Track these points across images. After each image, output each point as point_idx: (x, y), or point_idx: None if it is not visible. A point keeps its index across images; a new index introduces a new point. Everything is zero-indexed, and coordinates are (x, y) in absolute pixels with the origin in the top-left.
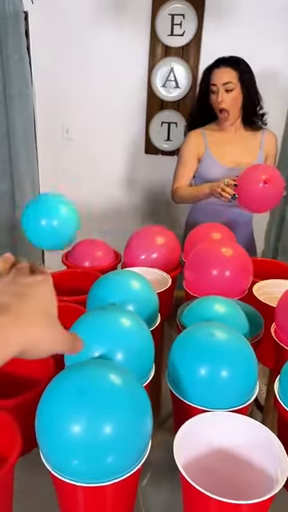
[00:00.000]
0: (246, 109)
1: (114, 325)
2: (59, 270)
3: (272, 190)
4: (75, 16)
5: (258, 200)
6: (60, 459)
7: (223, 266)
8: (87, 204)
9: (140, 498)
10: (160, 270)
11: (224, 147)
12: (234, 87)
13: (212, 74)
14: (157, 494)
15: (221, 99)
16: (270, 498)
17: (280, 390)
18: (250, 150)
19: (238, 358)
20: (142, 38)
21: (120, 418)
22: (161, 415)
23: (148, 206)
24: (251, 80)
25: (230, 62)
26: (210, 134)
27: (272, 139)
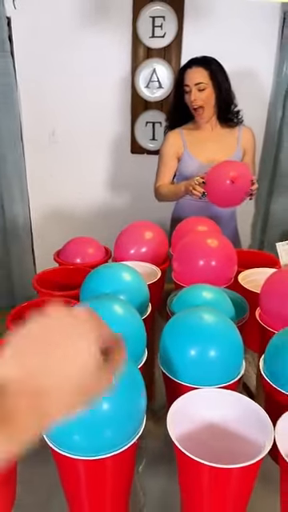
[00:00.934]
0: (220, 107)
1: (108, 312)
2: (52, 268)
3: (239, 187)
4: (58, 20)
5: (225, 197)
6: (61, 436)
7: (209, 256)
8: (75, 205)
9: (138, 484)
10: (149, 263)
11: (202, 145)
12: (205, 86)
13: (185, 74)
14: (154, 480)
15: (194, 98)
16: (256, 462)
17: (264, 366)
18: (228, 147)
19: (225, 339)
20: (124, 41)
21: (116, 396)
22: (155, 406)
23: (135, 204)
24: (223, 78)
25: (201, 62)
26: (188, 133)
27: (248, 135)
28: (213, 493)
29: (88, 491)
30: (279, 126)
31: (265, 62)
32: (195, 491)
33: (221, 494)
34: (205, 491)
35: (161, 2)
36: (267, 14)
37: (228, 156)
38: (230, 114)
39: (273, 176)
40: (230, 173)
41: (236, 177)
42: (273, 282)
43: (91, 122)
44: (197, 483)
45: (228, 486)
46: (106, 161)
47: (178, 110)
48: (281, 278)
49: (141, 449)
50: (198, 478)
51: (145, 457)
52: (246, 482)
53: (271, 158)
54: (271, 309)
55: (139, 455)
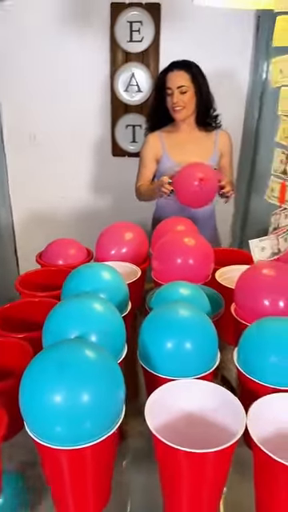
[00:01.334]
0: (199, 110)
1: (88, 309)
2: (34, 269)
3: (205, 189)
4: (38, 25)
5: (192, 197)
6: (43, 427)
7: (186, 254)
8: (57, 207)
9: (122, 479)
10: (130, 263)
11: (180, 148)
12: (187, 89)
13: (166, 77)
14: (137, 476)
15: (176, 100)
16: (230, 446)
17: (238, 357)
18: (205, 150)
19: (200, 332)
20: (103, 45)
21: (96, 388)
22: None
23: (117, 206)
24: (203, 82)
25: (182, 65)
26: (167, 135)
27: (225, 138)
28: (190, 477)
29: (70, 479)
30: (256, 127)
31: (240, 65)
32: (174, 477)
33: (198, 479)
34: (183, 476)
35: (138, 7)
36: (242, 17)
37: (205, 159)
38: (209, 118)
39: (251, 176)
40: (197, 175)
41: (203, 179)
42: (246, 278)
43: (72, 125)
44: (175, 469)
45: (204, 470)
46: (88, 163)
47: (159, 113)
48: (253, 273)
49: (125, 447)
50: (175, 464)
51: (129, 454)
52: (220, 465)
53: (249, 158)
54: (245, 303)
55: (124, 452)
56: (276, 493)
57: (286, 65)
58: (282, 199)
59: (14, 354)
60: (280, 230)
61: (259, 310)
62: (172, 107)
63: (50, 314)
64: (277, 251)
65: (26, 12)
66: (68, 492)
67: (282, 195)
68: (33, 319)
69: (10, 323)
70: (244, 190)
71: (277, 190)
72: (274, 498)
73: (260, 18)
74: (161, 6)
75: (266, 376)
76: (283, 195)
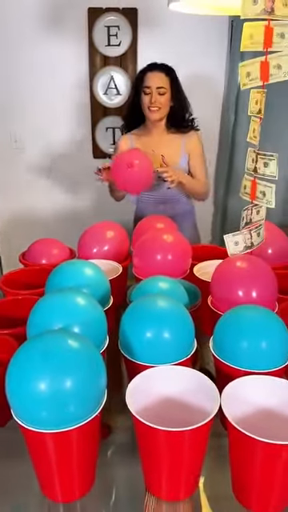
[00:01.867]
0: (173, 114)
1: (70, 302)
2: (17, 269)
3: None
4: (17, 29)
5: (126, 182)
6: (30, 413)
7: (165, 250)
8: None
9: (107, 471)
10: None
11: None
12: (165, 91)
13: (146, 76)
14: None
15: (154, 100)
16: (205, 424)
17: (214, 344)
18: (174, 153)
19: (177, 321)
20: (82, 49)
21: (79, 374)
22: (122, 400)
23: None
24: (179, 87)
25: (162, 68)
26: (137, 139)
27: (192, 138)
28: (169, 455)
29: (56, 462)
30: (232, 129)
31: (216, 68)
32: (154, 456)
33: (176, 456)
34: (162, 455)
35: (115, 12)
36: (217, 22)
37: (174, 163)
38: (185, 122)
39: (228, 176)
40: (130, 161)
41: (134, 165)
42: (221, 271)
43: (53, 127)
44: (155, 449)
45: (182, 447)
46: (69, 165)
47: (134, 112)
48: (228, 267)
49: (110, 441)
50: (155, 444)
51: (114, 448)
52: (197, 443)
53: (226, 159)
54: (220, 294)
55: (108, 446)
56: (249, 466)
57: (252, 68)
58: (253, 196)
59: (0, 349)
60: (253, 225)
61: (233, 300)
62: (149, 106)
63: (34, 308)
64: (250, 245)
65: (4, 16)
66: (54, 474)
67: (253, 192)
68: (17, 316)
69: None
70: (223, 190)
71: (248, 187)
72: (247, 471)
73: (234, 23)
74: (138, 11)
75: (240, 360)
76: (254, 192)
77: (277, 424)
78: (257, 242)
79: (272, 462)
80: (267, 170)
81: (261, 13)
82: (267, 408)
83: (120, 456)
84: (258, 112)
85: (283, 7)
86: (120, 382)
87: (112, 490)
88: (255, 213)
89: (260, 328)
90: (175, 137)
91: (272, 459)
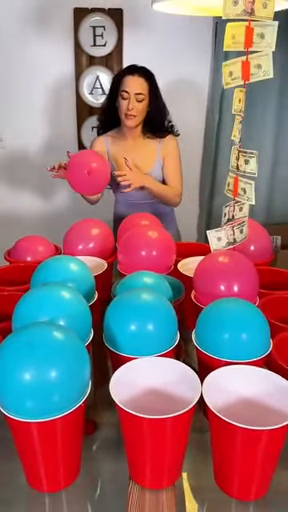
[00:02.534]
0: (150, 119)
1: (56, 296)
2: (3, 266)
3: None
4: (1, 29)
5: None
6: (15, 403)
7: (150, 246)
8: (22, 208)
9: (92, 465)
10: (97, 257)
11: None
12: (143, 98)
13: (125, 79)
14: (106, 463)
15: (132, 107)
16: (187, 412)
17: (196, 336)
18: (148, 159)
19: (160, 314)
20: (67, 49)
21: (63, 365)
22: (107, 397)
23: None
24: (158, 93)
25: (142, 72)
26: (112, 141)
27: (170, 143)
28: (152, 444)
29: (42, 451)
30: (217, 128)
31: (201, 69)
32: (138, 444)
33: (159, 444)
34: (146, 443)
35: (100, 12)
36: (201, 22)
37: (149, 167)
38: (163, 128)
39: (213, 177)
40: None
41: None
42: (204, 266)
43: (38, 127)
44: (139, 437)
45: (164, 435)
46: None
47: (110, 114)
48: (210, 262)
49: (95, 437)
50: (139, 433)
51: (99, 443)
52: (179, 431)
53: (211, 159)
54: (203, 288)
55: (94, 441)
56: (230, 453)
57: (235, 67)
58: (235, 192)
59: None
60: (235, 222)
61: (216, 294)
62: (125, 113)
63: (20, 301)
64: (232, 241)
65: None
66: (39, 464)
67: (235, 189)
68: (2, 312)
69: None
70: (207, 191)
71: (232, 184)
72: (228, 458)
73: (218, 24)
74: (123, 12)
75: (221, 351)
76: (236, 189)
77: (256, 412)
78: (239, 238)
79: (252, 448)
80: (248, 167)
81: (241, 13)
82: (247, 397)
83: (105, 451)
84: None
85: (262, 8)
86: (104, 377)
87: (97, 483)
88: (238, 210)
89: (241, 320)
90: (151, 141)
91: (252, 445)
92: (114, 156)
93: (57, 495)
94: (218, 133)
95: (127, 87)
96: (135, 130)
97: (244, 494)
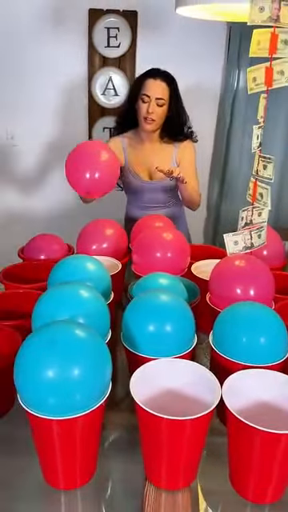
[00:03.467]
0: (170, 124)
1: (75, 295)
2: (17, 263)
3: (96, 192)
4: (18, 28)
5: (88, 192)
6: (37, 400)
7: (165, 248)
8: (34, 207)
9: (101, 466)
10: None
11: (142, 161)
12: (164, 103)
13: (147, 83)
14: (115, 464)
15: (151, 111)
16: (205, 415)
17: (213, 339)
18: (164, 161)
19: (179, 316)
20: (81, 49)
21: (85, 363)
22: (114, 397)
23: (90, 206)
24: (179, 99)
25: (165, 76)
26: (129, 143)
27: (186, 147)
28: (170, 444)
29: (61, 449)
30: (227, 133)
31: (213, 72)
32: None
33: (177, 445)
34: (163, 444)
35: (115, 14)
36: (215, 27)
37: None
38: (183, 133)
39: (222, 182)
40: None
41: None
42: (220, 269)
43: (50, 126)
44: (157, 438)
45: (182, 437)
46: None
47: (129, 116)
48: (227, 265)
49: (103, 438)
50: (157, 433)
51: (107, 445)
52: (198, 433)
53: (220, 163)
54: (219, 292)
55: (102, 443)
56: (248, 456)
57: (258, 73)
58: (254, 197)
59: (2, 340)
60: (253, 227)
61: (232, 297)
62: (145, 116)
63: (40, 300)
64: (249, 245)
65: (7, 16)
66: (57, 461)
67: (254, 193)
68: (17, 309)
69: None
70: (216, 195)
71: (251, 189)
72: (245, 461)
73: (231, 29)
74: (138, 14)
75: (238, 355)
76: (255, 193)
77: (274, 417)
78: (257, 243)
79: (270, 451)
80: (265, 172)
81: (267, 20)
82: (265, 401)
83: (114, 453)
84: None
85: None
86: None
87: (108, 486)
88: (256, 214)
89: (259, 323)
90: (167, 146)
91: (270, 448)
92: (130, 158)
93: (72, 493)
94: (228, 137)
95: (148, 91)
96: (153, 134)
97: (260, 497)
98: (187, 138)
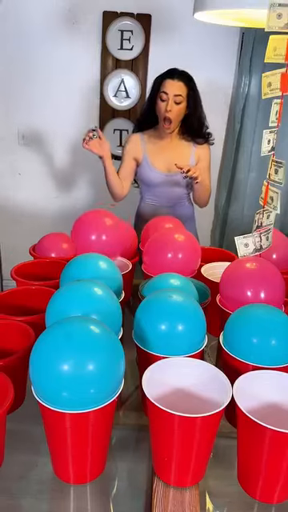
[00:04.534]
0: (189, 122)
1: (90, 292)
2: (28, 261)
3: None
4: (32, 29)
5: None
6: (51, 393)
7: (176, 249)
8: (46, 207)
9: (110, 460)
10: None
11: (160, 154)
12: (182, 100)
13: (165, 82)
14: (120, 463)
15: (170, 108)
16: (216, 413)
17: (224, 340)
18: (183, 157)
19: (191, 315)
20: (94, 52)
21: (100, 358)
22: (121, 395)
23: (101, 206)
24: (197, 98)
25: (183, 76)
26: (149, 140)
27: (204, 150)
28: (181, 441)
29: (72, 442)
30: (237, 138)
31: (225, 77)
32: (166, 442)
33: (188, 442)
34: (174, 440)
35: (129, 17)
36: (227, 33)
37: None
38: (201, 133)
39: (231, 184)
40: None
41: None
42: (231, 271)
43: (61, 127)
44: (168, 434)
45: (194, 433)
46: (75, 165)
47: (149, 117)
48: (238, 267)
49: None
50: (169, 429)
51: (113, 441)
52: (208, 431)
53: (230, 167)
54: (229, 294)
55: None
56: (257, 455)
57: (274, 78)
58: (265, 200)
59: (16, 335)
60: (262, 229)
61: (242, 299)
62: (164, 116)
63: (54, 296)
64: (259, 248)
65: (23, 16)
66: (69, 455)
67: (265, 196)
68: (29, 305)
69: (8, 308)
70: (224, 198)
71: (263, 192)
72: (254, 460)
73: (244, 35)
74: (151, 18)
75: (249, 356)
76: (266, 196)
77: (283, 418)
78: (265, 245)
79: (280, 450)
80: (276, 176)
81: (284, 27)
82: (275, 402)
83: (119, 452)
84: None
85: None
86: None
87: (114, 484)
88: (265, 217)
89: (271, 325)
90: (187, 144)
91: (280, 448)
92: (149, 151)
93: (81, 488)
94: (238, 141)
95: (166, 89)
96: (172, 133)
97: (268, 496)
98: (206, 140)
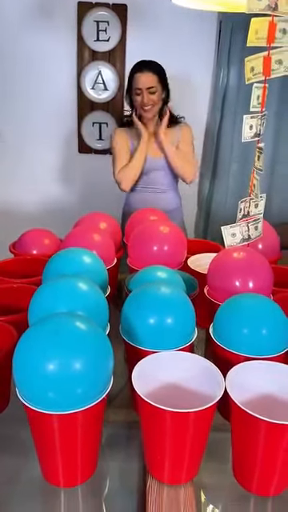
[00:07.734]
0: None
1: (74, 288)
2: (8, 258)
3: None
4: (5, 22)
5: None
6: (36, 393)
7: (162, 241)
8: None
9: (101, 460)
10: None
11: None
12: (155, 90)
13: (136, 77)
14: (112, 459)
15: (146, 101)
16: (209, 407)
17: (214, 331)
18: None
19: (179, 308)
20: (70, 43)
21: (87, 357)
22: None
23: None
24: (166, 82)
25: (150, 67)
26: (132, 131)
27: (184, 129)
28: (173, 438)
29: (61, 445)
30: (218, 127)
31: (204, 66)
32: (158, 439)
33: (180, 438)
34: (166, 437)
35: (105, 7)
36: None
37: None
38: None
39: (213, 176)
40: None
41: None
42: (218, 262)
43: (38, 122)
44: (160, 431)
45: (187, 429)
46: (54, 160)
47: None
48: (225, 257)
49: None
50: (160, 426)
51: (103, 442)
52: (201, 426)
53: (211, 158)
54: (217, 284)
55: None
56: (252, 448)
57: (256, 63)
58: (251, 189)
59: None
60: (250, 218)
61: (230, 290)
62: (141, 106)
63: (36, 293)
64: (247, 237)
65: None
66: (58, 458)
67: (252, 184)
68: (11, 304)
69: None
70: (207, 190)
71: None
72: (249, 452)
73: (222, 22)
74: (127, 7)
75: (240, 347)
76: (252, 184)
77: (277, 408)
78: (254, 235)
79: (275, 442)
80: (258, 163)
81: (265, 8)
82: (268, 393)
83: (109, 448)
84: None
85: (286, 4)
86: None
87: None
88: (253, 206)
89: (261, 315)
90: (170, 130)
91: (275, 439)
92: (135, 142)
93: (72, 491)
94: (219, 131)
95: (139, 84)
96: (154, 120)
97: (264, 489)
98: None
